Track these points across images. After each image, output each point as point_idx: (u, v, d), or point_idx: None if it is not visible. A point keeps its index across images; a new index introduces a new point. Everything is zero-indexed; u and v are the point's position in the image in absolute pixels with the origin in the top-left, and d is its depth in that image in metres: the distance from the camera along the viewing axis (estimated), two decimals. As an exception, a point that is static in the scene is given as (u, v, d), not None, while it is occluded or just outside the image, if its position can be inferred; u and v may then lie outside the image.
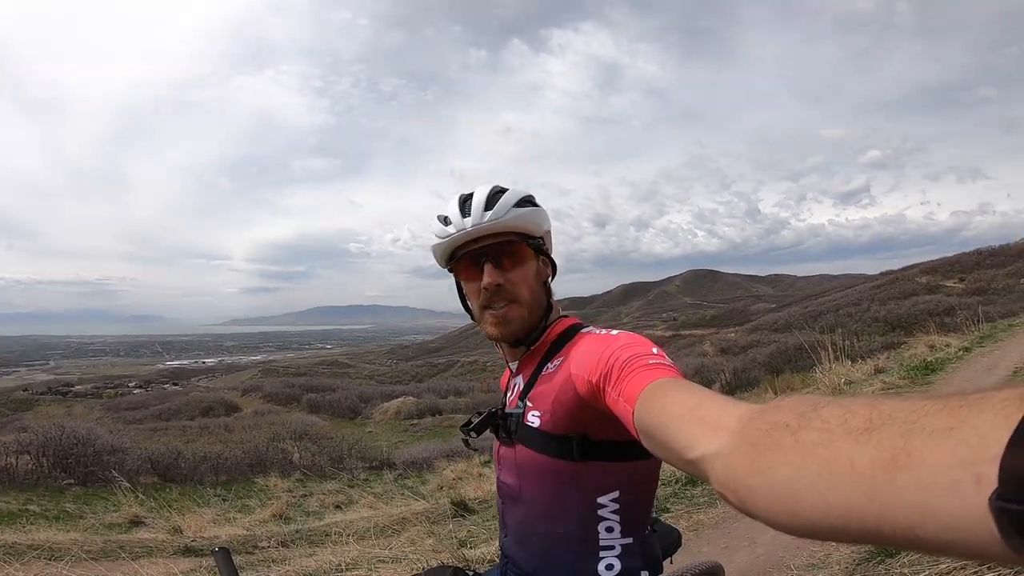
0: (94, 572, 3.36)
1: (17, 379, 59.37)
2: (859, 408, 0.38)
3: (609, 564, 0.92)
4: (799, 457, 0.40)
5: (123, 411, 27.61)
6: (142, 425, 20.90)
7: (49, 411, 27.94)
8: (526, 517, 0.99)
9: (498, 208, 0.99)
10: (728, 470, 0.49)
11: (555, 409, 0.92)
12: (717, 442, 0.52)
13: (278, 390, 33.67)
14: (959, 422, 0.33)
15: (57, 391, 43.29)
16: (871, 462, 0.35)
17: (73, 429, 12.07)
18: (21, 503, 7.64)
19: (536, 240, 1.04)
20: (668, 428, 0.62)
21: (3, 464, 9.98)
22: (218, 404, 28.27)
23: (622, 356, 0.81)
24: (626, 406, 0.73)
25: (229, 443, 14.87)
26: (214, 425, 20.13)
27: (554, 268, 1.10)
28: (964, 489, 0.33)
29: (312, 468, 11.02)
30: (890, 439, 0.34)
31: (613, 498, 0.92)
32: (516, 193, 1.02)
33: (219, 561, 1.12)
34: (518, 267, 1.01)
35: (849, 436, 0.37)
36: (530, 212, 1.02)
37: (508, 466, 1.02)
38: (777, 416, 0.45)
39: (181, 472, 11.90)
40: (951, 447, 0.33)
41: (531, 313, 1.02)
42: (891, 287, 30.63)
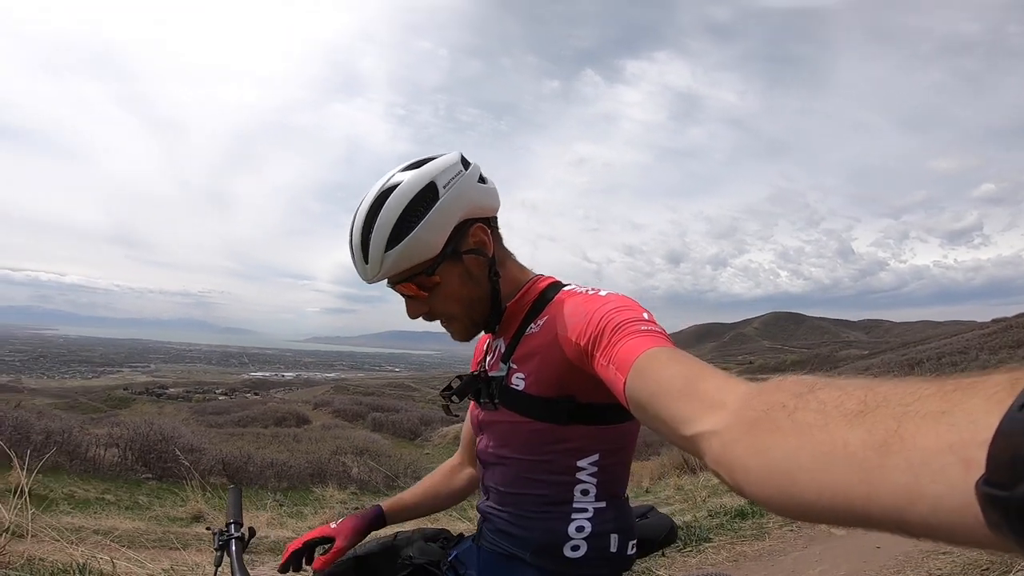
0: (143, 555, 3.47)
1: (120, 379, 65.58)
2: (855, 390, 0.38)
3: (580, 526, 0.92)
4: (796, 438, 0.40)
5: (207, 415, 29.58)
6: (222, 429, 22.26)
7: (143, 410, 30.45)
8: (505, 479, 0.97)
9: (372, 261, 0.89)
10: (725, 449, 0.48)
11: (541, 371, 0.89)
12: (714, 420, 0.51)
13: (346, 407, 34.85)
14: (952, 406, 0.33)
15: (153, 392, 47.24)
16: (864, 444, 0.35)
17: (160, 427, 13.05)
18: (100, 492, 8.24)
19: (441, 256, 0.90)
20: (663, 401, 0.59)
21: (91, 455, 10.89)
22: (291, 415, 29.68)
23: (613, 320, 0.76)
24: (617, 374, 0.69)
25: (295, 452, 15.47)
26: (284, 435, 21.07)
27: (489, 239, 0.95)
28: (952, 473, 0.32)
29: (368, 483, 11.15)
30: (883, 422, 0.35)
31: (592, 461, 0.91)
32: (387, 222, 0.87)
33: (230, 497, 1.23)
34: (434, 291, 0.93)
35: (844, 418, 0.37)
36: (410, 242, 0.87)
37: (491, 431, 0.99)
38: (775, 396, 0.45)
39: (248, 475, 12.47)
40: (942, 431, 0.32)
41: (472, 316, 0.97)
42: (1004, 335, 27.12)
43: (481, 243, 0.94)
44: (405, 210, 0.88)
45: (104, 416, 23.01)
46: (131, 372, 79.18)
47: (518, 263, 1.03)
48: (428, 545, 1.12)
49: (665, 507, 6.20)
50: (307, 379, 75.46)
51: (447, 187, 0.90)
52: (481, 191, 0.95)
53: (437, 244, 0.90)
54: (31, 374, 65.35)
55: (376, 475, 12.56)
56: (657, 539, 1.17)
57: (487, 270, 0.96)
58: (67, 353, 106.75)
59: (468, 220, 0.93)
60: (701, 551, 3.48)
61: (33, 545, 2.82)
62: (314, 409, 34.90)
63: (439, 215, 0.89)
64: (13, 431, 9.48)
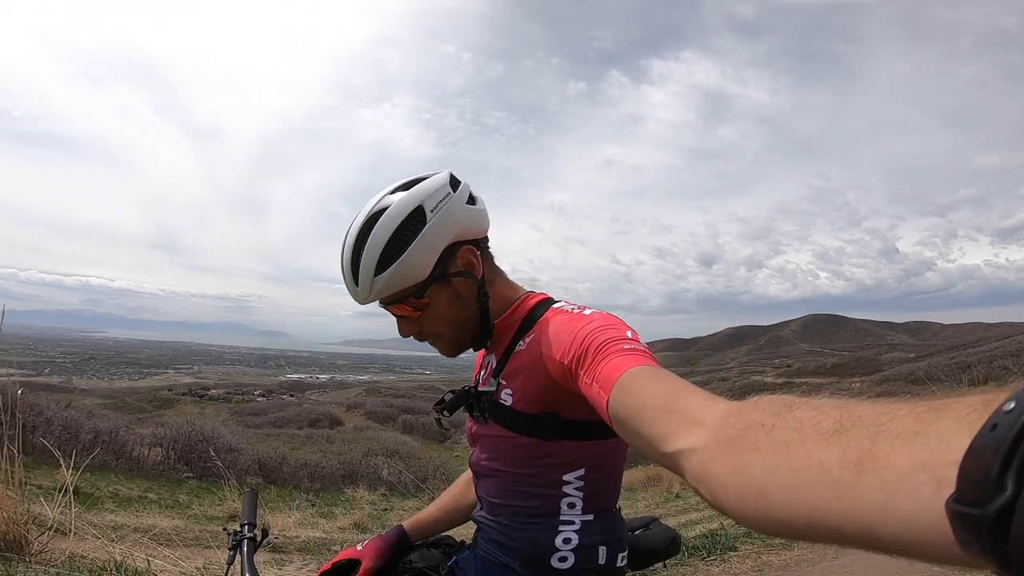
0: (178, 553, 3.60)
1: (165, 380, 68.21)
2: (831, 410, 0.40)
3: (567, 538, 0.93)
4: (773, 457, 0.41)
5: (246, 416, 30.48)
6: (259, 430, 22.89)
7: (186, 410, 31.64)
8: (495, 491, 1.00)
9: (362, 286, 0.92)
10: (704, 467, 0.49)
11: (527, 388, 0.91)
12: (694, 438, 0.52)
13: (378, 409, 35.43)
14: (925, 426, 0.34)
15: (195, 393, 48.96)
16: (838, 463, 0.36)
17: (201, 427, 13.49)
18: (142, 491, 8.56)
19: (429, 279, 0.92)
20: (644, 419, 0.61)
21: (136, 454, 11.33)
22: (324, 417, 30.31)
23: (596, 339, 0.78)
24: (600, 392, 0.70)
25: (328, 453, 15.77)
26: (318, 436, 21.52)
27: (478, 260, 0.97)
28: (924, 491, 0.33)
29: (397, 485, 11.29)
30: (858, 441, 0.36)
31: (578, 475, 0.93)
32: (375, 248, 0.89)
33: (246, 499, 1.27)
34: (423, 313, 0.96)
35: (820, 437, 0.38)
36: (398, 269, 0.89)
37: (482, 443, 1.02)
38: (754, 415, 0.46)
39: (283, 475, 12.76)
40: (914, 450, 0.33)
41: (459, 337, 1.00)
42: (1064, 339, 25.59)
43: (469, 265, 0.96)
44: (393, 235, 0.89)
45: (149, 416, 23.96)
46: (175, 373, 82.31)
47: (508, 281, 1.05)
48: (429, 551, 1.14)
49: (694, 513, 6.08)
50: (341, 381, 76.99)
51: (435, 211, 0.91)
52: (469, 213, 0.96)
53: (426, 268, 0.91)
54: (82, 375, 68.66)
55: (405, 477, 12.71)
56: (658, 550, 1.16)
57: (476, 291, 0.97)
58: (115, 355, 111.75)
59: (456, 243, 0.94)
60: (725, 560, 3.40)
61: (75, 542, 2.96)
62: (347, 411, 35.57)
63: (427, 240, 0.90)
64: (63, 430, 9.94)
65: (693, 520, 5.28)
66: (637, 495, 8.66)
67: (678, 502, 7.38)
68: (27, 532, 2.61)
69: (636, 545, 1.11)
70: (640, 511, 6.65)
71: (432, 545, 1.17)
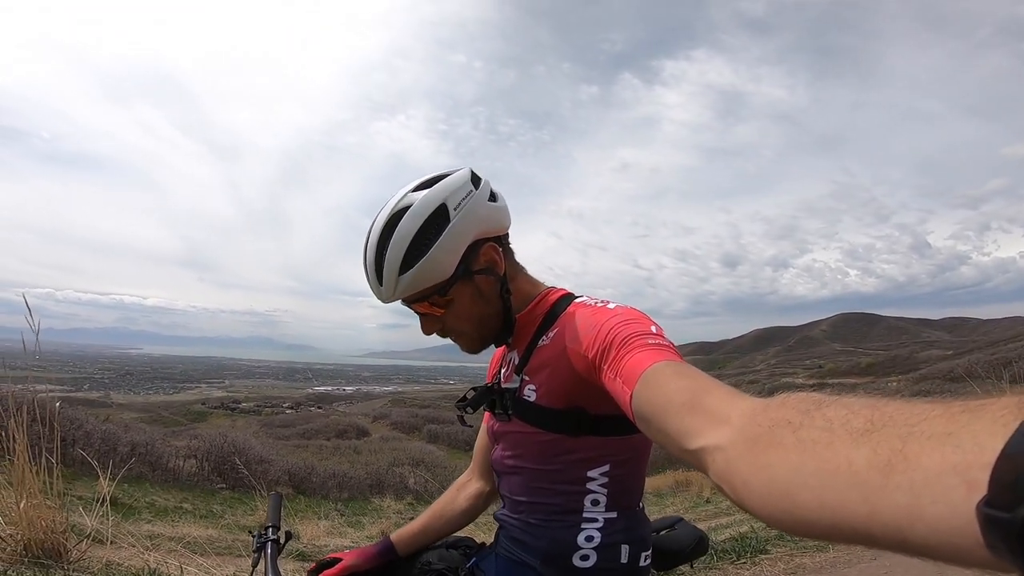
0: (211, 561, 3.67)
1: (198, 394, 69.94)
2: (861, 409, 0.38)
3: (589, 536, 0.92)
4: (798, 456, 0.40)
5: (275, 427, 30.97)
6: (288, 441, 23.24)
7: (218, 423, 32.35)
8: (518, 488, 0.99)
9: (386, 284, 0.91)
10: (728, 465, 0.48)
11: (551, 383, 0.90)
12: (718, 435, 0.51)
13: (403, 419, 35.66)
14: (958, 427, 0.33)
15: (227, 406, 50.08)
16: (868, 463, 0.35)
17: (233, 439, 13.78)
18: (178, 501, 8.75)
19: (453, 277, 0.92)
20: (668, 415, 0.60)
21: (172, 465, 11.61)
22: (351, 428, 30.64)
23: (621, 333, 0.77)
24: (624, 387, 0.70)
25: (355, 464, 15.93)
26: (345, 447, 21.76)
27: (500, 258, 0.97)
28: (954, 494, 0.33)
29: (424, 493, 11.33)
30: (888, 441, 0.35)
31: (603, 471, 0.92)
32: (399, 247, 0.89)
33: (271, 502, 1.29)
34: (447, 310, 0.96)
35: (849, 436, 0.37)
36: (424, 267, 0.89)
37: (504, 441, 1.01)
38: (780, 413, 0.45)
39: (312, 485, 12.93)
40: (946, 452, 0.33)
41: (483, 333, 0.99)
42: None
43: (492, 262, 0.96)
44: (417, 233, 0.89)
45: (184, 429, 24.55)
46: (208, 387, 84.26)
47: (529, 277, 1.04)
48: (448, 552, 1.14)
49: (724, 517, 5.95)
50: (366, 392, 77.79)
51: (458, 208, 0.91)
52: (491, 210, 0.96)
53: (450, 266, 0.91)
54: (119, 390, 70.75)
55: (432, 485, 12.74)
56: (684, 551, 1.13)
57: (498, 288, 0.97)
58: (151, 371, 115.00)
59: (479, 240, 0.94)
60: (756, 563, 3.31)
61: (112, 551, 3.05)
62: (373, 422, 35.89)
63: (451, 238, 0.90)
64: (102, 443, 10.26)
65: (723, 524, 5.17)
66: (666, 500, 8.52)
67: (708, 507, 7.24)
68: (66, 541, 2.69)
69: (662, 545, 1.09)
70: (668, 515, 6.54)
71: (451, 546, 1.16)
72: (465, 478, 1.24)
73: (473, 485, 1.21)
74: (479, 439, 1.19)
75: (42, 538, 2.58)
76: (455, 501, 1.21)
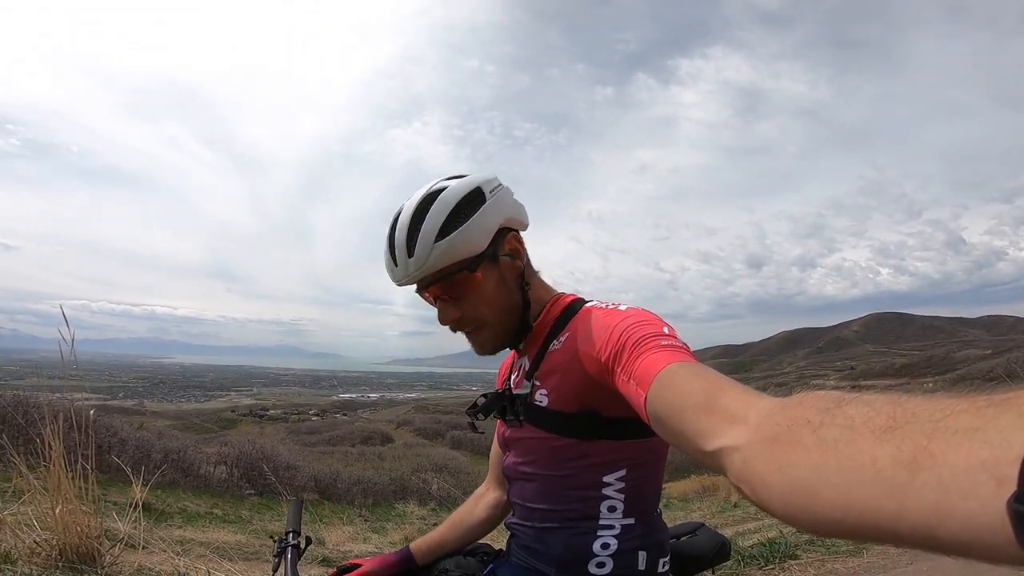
0: (239, 568, 3.74)
1: (228, 401, 71.52)
2: (884, 406, 0.38)
3: (605, 543, 0.90)
4: (820, 454, 0.39)
5: (302, 434, 31.47)
6: (314, 448, 23.59)
7: (247, 430, 33.00)
8: (531, 494, 0.97)
9: (419, 254, 0.91)
10: (747, 465, 0.47)
11: (562, 387, 0.90)
12: (735, 435, 0.50)
13: (427, 425, 35.90)
14: (984, 422, 0.33)
15: (256, 414, 51.08)
16: (893, 461, 0.35)
17: (261, 446, 14.06)
18: (209, 507, 8.95)
19: (483, 255, 0.93)
20: (683, 416, 0.59)
21: (203, 472, 11.88)
22: (376, 434, 30.96)
23: (634, 335, 0.76)
24: (638, 389, 0.69)
25: (380, 470, 16.08)
26: (370, 453, 21.98)
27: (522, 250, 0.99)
28: (984, 491, 0.33)
29: (447, 499, 11.36)
30: (913, 438, 0.34)
31: (619, 476, 0.90)
32: (437, 216, 0.90)
33: (291, 508, 1.29)
34: (471, 294, 0.94)
35: (872, 434, 0.36)
36: (458, 236, 0.90)
37: (516, 447, 1.00)
38: (799, 412, 0.44)
39: (337, 491, 13.09)
40: (974, 448, 0.33)
41: (503, 325, 0.98)
42: None
43: (515, 251, 0.98)
44: (456, 207, 0.91)
45: (214, 436, 25.10)
46: (237, 395, 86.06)
47: (543, 282, 1.05)
48: (465, 559, 1.14)
49: (752, 522, 5.81)
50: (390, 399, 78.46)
51: (492, 193, 0.95)
52: (516, 204, 1.01)
53: (483, 241, 0.93)
54: (152, 398, 72.81)
55: (456, 491, 12.76)
56: (706, 557, 1.10)
57: (519, 278, 0.98)
58: (182, 379, 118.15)
59: (506, 228, 0.97)
60: (785, 568, 3.21)
61: (144, 555, 3.13)
62: (397, 428, 36.19)
63: (485, 216, 0.93)
64: (136, 450, 10.57)
65: (751, 529, 5.05)
66: (692, 505, 8.37)
67: (736, 511, 7.08)
68: (99, 546, 2.77)
69: (682, 551, 1.07)
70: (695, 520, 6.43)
71: (468, 553, 1.16)
72: (483, 488, 1.24)
73: (491, 495, 1.21)
74: (493, 448, 1.19)
75: (77, 543, 2.66)
76: (473, 511, 1.21)
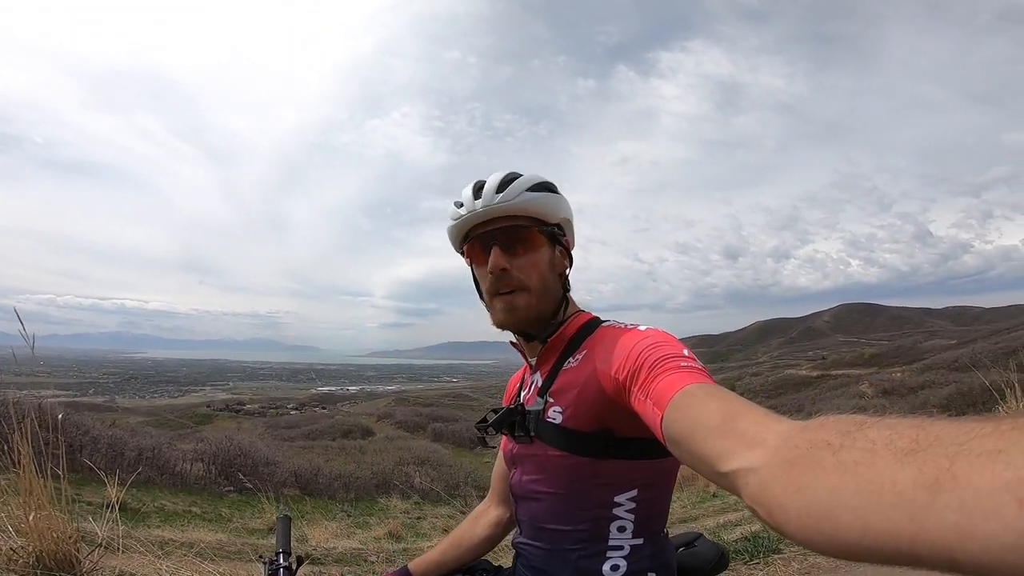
0: (221, 568, 3.67)
1: (203, 396, 70.01)
2: (907, 429, 0.38)
3: (615, 564, 0.89)
4: (838, 477, 0.39)
5: (280, 429, 31.07)
6: (293, 443, 23.31)
7: (224, 425, 32.44)
8: (540, 514, 0.96)
9: (510, 191, 0.96)
10: (762, 487, 0.47)
11: (578, 405, 0.89)
12: (752, 457, 0.50)
13: (408, 418, 35.76)
14: (1008, 445, 0.33)
15: (232, 408, 50.14)
16: (914, 483, 0.35)
17: (239, 442, 13.83)
18: (187, 505, 8.79)
19: (550, 227, 1.00)
20: (700, 438, 0.59)
21: (179, 469, 11.65)
22: (356, 428, 30.74)
23: (652, 355, 0.77)
24: (655, 409, 0.69)
25: (361, 464, 15.98)
26: (351, 447, 21.82)
27: (571, 260, 1.05)
28: (1007, 512, 0.33)
29: (429, 493, 11.36)
30: (935, 460, 0.35)
31: (630, 496, 0.89)
32: (532, 178, 0.98)
33: (280, 526, 1.26)
34: (528, 253, 0.97)
35: (893, 457, 0.37)
36: (544, 196, 0.98)
37: (525, 464, 0.98)
38: (819, 434, 0.43)
39: (318, 487, 12.97)
40: (997, 470, 0.33)
41: (541, 302, 0.97)
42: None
43: (569, 246, 1.04)
44: (542, 182, 0.99)
45: (190, 432, 24.61)
46: (212, 390, 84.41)
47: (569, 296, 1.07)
48: None
49: (732, 513, 5.94)
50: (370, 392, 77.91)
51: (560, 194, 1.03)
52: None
53: (555, 218, 1.00)
54: (124, 394, 70.90)
55: (438, 484, 12.78)
56: (706, 568, 1.12)
57: (565, 272, 1.03)
58: (155, 374, 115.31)
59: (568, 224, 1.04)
60: (769, 563, 3.27)
61: (124, 559, 3.04)
62: (377, 421, 35.96)
63: (562, 201, 1.02)
64: (109, 448, 10.31)
65: (732, 521, 5.15)
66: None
67: (715, 501, 7.23)
68: (77, 551, 2.69)
69: (683, 563, 1.08)
70: (675, 511, 6.54)
71: (468, 572, 1.15)
72: (484, 506, 1.22)
73: (492, 513, 1.20)
74: (496, 465, 1.19)
75: (53, 549, 2.57)
76: (474, 530, 1.19)
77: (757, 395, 34.97)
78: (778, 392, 36.96)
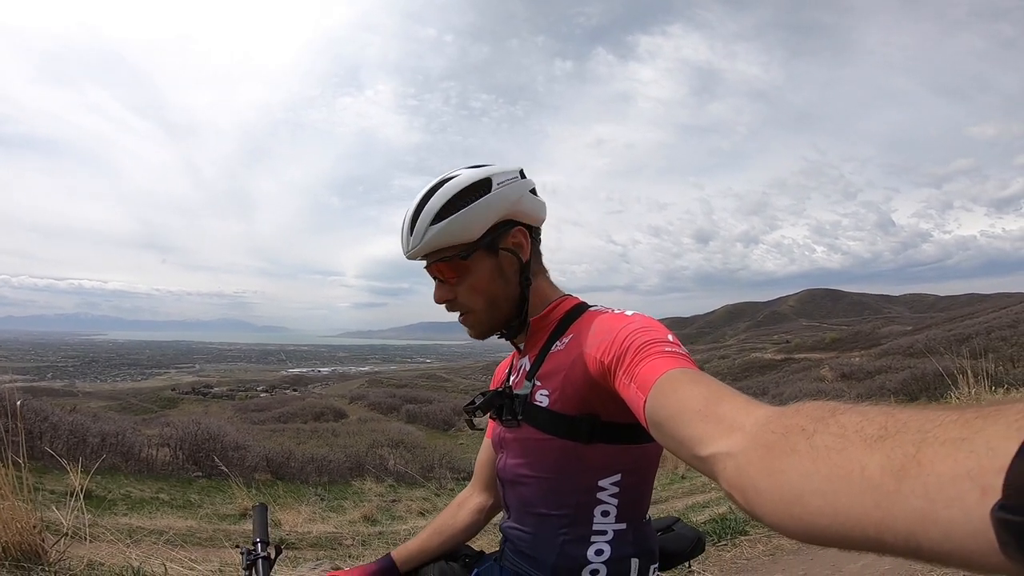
0: (192, 555, 3.63)
1: (167, 380, 68.26)
2: (876, 416, 0.39)
3: (599, 549, 0.91)
4: (811, 462, 0.40)
5: (250, 412, 30.61)
6: (264, 426, 23.01)
7: (190, 409, 31.73)
8: (526, 498, 0.97)
9: (416, 233, 0.96)
10: (739, 471, 0.48)
11: (564, 388, 0.90)
12: (730, 442, 0.51)
13: (381, 400, 35.63)
14: (972, 432, 0.33)
15: (199, 392, 49.16)
16: (881, 469, 0.35)
17: (207, 426, 13.55)
18: (154, 491, 8.61)
19: (476, 244, 0.96)
20: (681, 422, 0.60)
21: (145, 455, 11.39)
22: (328, 410, 30.50)
23: (637, 340, 0.77)
24: (638, 393, 0.70)
25: (334, 447, 15.88)
26: (323, 429, 21.67)
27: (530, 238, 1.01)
28: (968, 499, 0.33)
29: (404, 475, 11.38)
30: (902, 447, 0.35)
31: (614, 481, 0.91)
32: (439, 199, 0.95)
33: (256, 515, 1.23)
34: (463, 278, 0.97)
35: (863, 442, 0.38)
36: (452, 221, 0.94)
37: (512, 448, 0.99)
38: (795, 420, 0.45)
39: (290, 471, 12.87)
40: (960, 457, 0.33)
41: (493, 316, 1.00)
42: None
43: (519, 245, 0.98)
44: (457, 194, 0.95)
45: (155, 417, 24.03)
46: (178, 373, 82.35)
47: (550, 281, 1.05)
48: (448, 565, 1.12)
49: (700, 495, 6.14)
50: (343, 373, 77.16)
51: (501, 185, 0.97)
52: (531, 199, 1.01)
53: (477, 231, 0.95)
54: (84, 378, 68.64)
55: (412, 466, 12.81)
56: (683, 552, 1.15)
57: (519, 272, 0.98)
58: (116, 357, 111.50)
59: (513, 221, 0.98)
60: (736, 545, 3.38)
61: (91, 548, 2.98)
62: (350, 403, 35.75)
63: (485, 206, 0.95)
64: (70, 435, 9.99)
65: (700, 503, 5.32)
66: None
67: (684, 483, 7.45)
68: (42, 540, 2.62)
69: (663, 547, 1.09)
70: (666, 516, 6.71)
71: (451, 558, 1.15)
72: (467, 493, 1.22)
73: (475, 499, 1.20)
74: (481, 452, 1.18)
75: (18, 540, 2.50)
76: (456, 516, 1.19)
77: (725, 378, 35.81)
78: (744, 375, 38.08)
